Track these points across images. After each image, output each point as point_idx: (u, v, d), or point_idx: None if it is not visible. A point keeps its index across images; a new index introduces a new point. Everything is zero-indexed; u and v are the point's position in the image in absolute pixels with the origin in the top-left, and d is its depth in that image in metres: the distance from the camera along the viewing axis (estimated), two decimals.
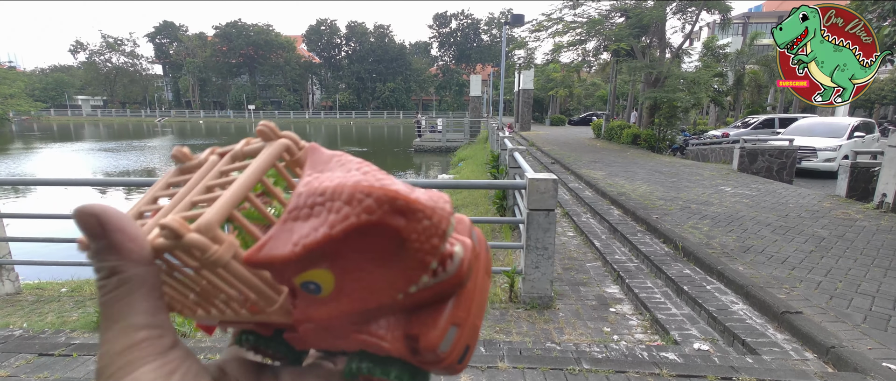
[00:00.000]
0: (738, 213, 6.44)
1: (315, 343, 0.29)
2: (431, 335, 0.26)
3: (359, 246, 0.23)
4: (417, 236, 0.23)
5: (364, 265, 0.24)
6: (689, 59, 19.72)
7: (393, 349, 0.27)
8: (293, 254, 0.23)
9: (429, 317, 0.26)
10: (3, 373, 2.45)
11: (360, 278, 0.25)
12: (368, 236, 0.23)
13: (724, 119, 28.06)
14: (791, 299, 3.56)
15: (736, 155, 11.24)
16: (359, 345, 0.28)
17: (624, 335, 3.51)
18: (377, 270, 0.24)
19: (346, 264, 0.24)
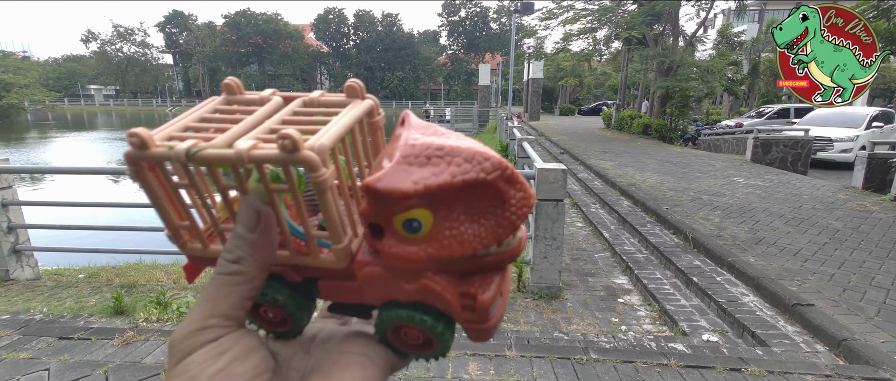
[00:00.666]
0: (751, 204, 6.36)
1: (369, 290, 0.31)
2: (487, 295, 0.30)
3: (466, 198, 0.27)
4: (515, 202, 0.28)
5: (462, 217, 0.28)
6: (703, 47, 19.32)
7: (451, 301, 0.30)
8: (413, 190, 0.26)
9: (483, 281, 0.30)
10: (27, 355, 2.53)
11: (454, 227, 0.28)
12: (478, 191, 0.27)
13: (737, 109, 27.56)
14: (803, 292, 3.53)
15: (749, 145, 11.06)
16: (418, 294, 0.30)
17: (632, 326, 3.51)
18: (472, 223, 0.28)
19: (447, 212, 0.28)
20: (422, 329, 0.31)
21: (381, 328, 0.32)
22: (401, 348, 0.33)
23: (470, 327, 0.31)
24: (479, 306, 0.30)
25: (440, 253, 0.28)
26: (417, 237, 0.28)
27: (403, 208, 0.27)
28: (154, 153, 0.28)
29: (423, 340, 0.32)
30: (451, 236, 0.28)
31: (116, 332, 2.80)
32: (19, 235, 4.11)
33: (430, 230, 0.28)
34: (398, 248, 0.29)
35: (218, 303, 0.28)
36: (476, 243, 0.28)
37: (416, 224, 0.28)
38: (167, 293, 3.47)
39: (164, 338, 2.74)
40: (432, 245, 0.28)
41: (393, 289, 0.31)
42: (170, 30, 71.95)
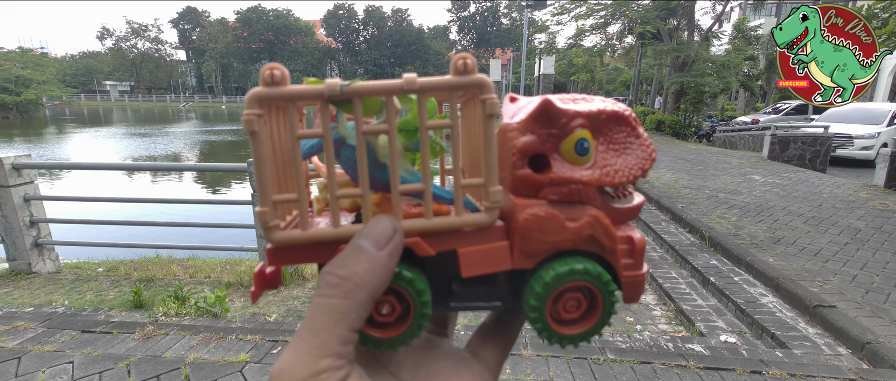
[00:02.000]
0: (769, 202, 6.24)
1: (528, 240, 0.29)
2: (639, 237, 0.30)
3: (611, 130, 0.30)
4: (645, 138, 0.31)
5: (613, 147, 0.30)
6: (719, 42, 18.97)
7: (617, 239, 0.30)
8: (584, 110, 0.30)
9: (628, 228, 0.31)
10: (51, 348, 2.59)
11: (610, 155, 0.30)
12: (618, 124, 0.31)
13: (753, 105, 27.06)
14: (824, 293, 3.45)
15: (766, 142, 10.85)
16: (587, 229, 0.29)
17: (647, 326, 3.47)
18: (621, 154, 0.30)
19: (603, 140, 0.30)
20: (589, 286, 0.30)
21: (543, 298, 0.29)
22: (556, 330, 0.30)
23: (629, 275, 0.30)
24: (638, 246, 0.30)
25: (604, 179, 0.29)
26: (585, 160, 0.30)
27: (574, 128, 0.29)
28: (294, 90, 0.26)
29: (583, 308, 0.30)
30: (610, 163, 0.30)
31: (137, 326, 2.85)
32: (41, 229, 4.21)
33: (593, 155, 0.30)
34: (571, 171, 0.29)
35: (327, 339, 0.24)
36: (629, 171, 0.30)
37: (586, 145, 0.29)
38: (185, 288, 3.52)
39: (184, 333, 2.78)
40: (597, 170, 0.29)
41: (557, 231, 0.29)
42: (183, 26, 72.80)
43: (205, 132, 29.73)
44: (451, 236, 0.29)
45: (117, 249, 5.05)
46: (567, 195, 0.29)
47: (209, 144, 23.78)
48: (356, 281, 0.25)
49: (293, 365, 0.24)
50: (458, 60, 0.27)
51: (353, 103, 0.27)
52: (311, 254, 0.29)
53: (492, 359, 0.33)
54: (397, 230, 0.27)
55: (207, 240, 5.31)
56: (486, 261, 0.30)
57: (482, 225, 0.29)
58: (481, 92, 0.27)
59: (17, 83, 41.30)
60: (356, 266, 0.26)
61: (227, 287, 3.96)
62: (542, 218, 0.29)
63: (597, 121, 0.30)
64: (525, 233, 0.29)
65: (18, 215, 3.96)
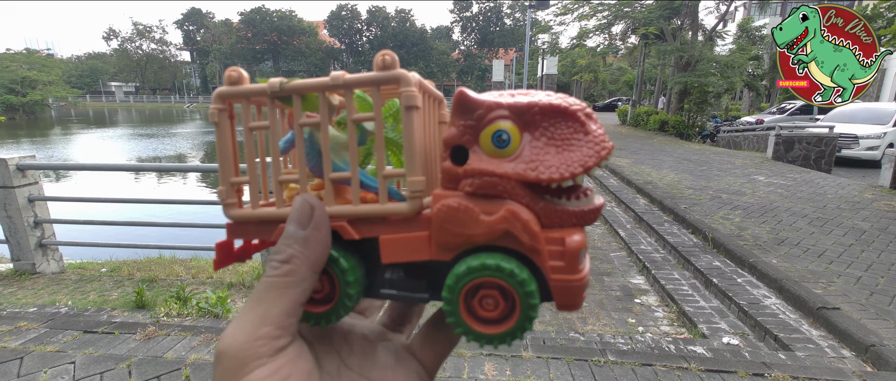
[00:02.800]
0: (773, 203, 6.20)
1: (444, 231, 0.29)
2: (575, 238, 0.29)
3: (551, 125, 0.29)
4: (597, 135, 0.29)
5: (548, 143, 0.29)
6: (723, 41, 18.87)
7: (537, 236, 0.28)
8: (503, 102, 0.29)
9: (569, 230, 0.29)
10: (54, 348, 2.60)
11: (540, 150, 0.29)
12: (562, 120, 0.29)
13: (758, 105, 26.90)
14: (828, 295, 3.43)
15: (771, 142, 10.79)
16: (501, 223, 0.29)
17: (649, 327, 3.45)
18: (558, 150, 0.29)
19: (534, 135, 0.29)
20: (504, 285, 0.29)
21: (454, 291, 0.29)
22: (474, 328, 0.30)
23: (559, 280, 0.29)
24: (569, 249, 0.28)
25: (527, 173, 0.28)
26: (505, 153, 0.29)
27: (492, 119, 0.29)
28: (248, 88, 0.31)
29: (501, 309, 0.30)
30: (537, 158, 0.29)
31: (139, 326, 2.86)
32: (45, 229, 4.23)
33: (517, 148, 0.29)
34: (487, 163, 0.29)
35: (269, 308, 0.27)
36: (562, 168, 0.28)
37: (506, 137, 0.29)
38: (187, 288, 3.53)
39: (185, 333, 2.79)
40: (520, 164, 0.29)
41: (472, 224, 0.29)
42: (188, 27, 73.14)
43: (209, 133, 29.85)
44: (376, 224, 0.31)
45: (121, 249, 5.07)
46: (482, 188, 0.29)
47: (214, 144, 23.88)
48: (294, 262, 0.28)
49: (236, 331, 0.26)
50: (380, 57, 0.29)
51: (293, 99, 0.31)
52: (260, 231, 0.32)
53: (429, 358, 0.34)
54: (315, 206, 0.29)
55: (210, 240, 5.33)
56: (404, 249, 0.30)
57: (402, 214, 0.30)
58: (400, 85, 0.29)
59: (24, 84, 41.63)
60: (289, 249, 0.28)
61: (228, 288, 3.97)
62: (454, 209, 0.29)
63: (527, 114, 0.29)
64: (438, 223, 0.29)
65: (23, 215, 3.99)
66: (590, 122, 0.29)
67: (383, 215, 0.30)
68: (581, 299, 0.30)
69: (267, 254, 3.92)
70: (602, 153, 0.29)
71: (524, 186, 0.29)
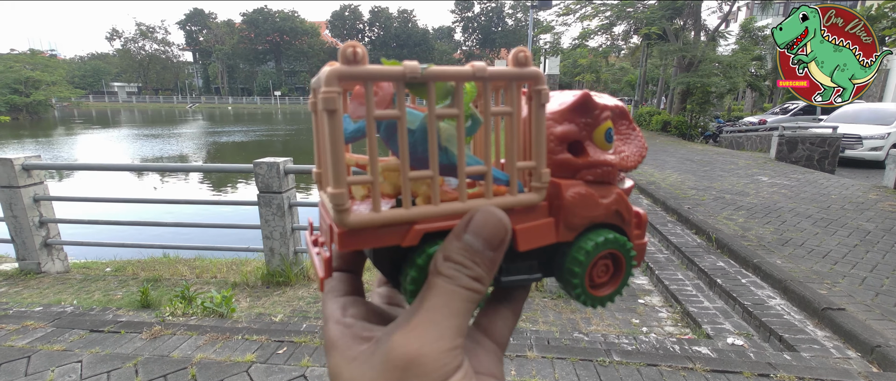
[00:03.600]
0: (776, 204, 6.19)
1: (571, 214, 0.33)
2: (643, 212, 0.35)
3: (617, 123, 0.36)
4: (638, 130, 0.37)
5: (620, 136, 0.35)
6: (726, 42, 18.82)
7: (632, 213, 0.34)
8: (611, 103, 0.35)
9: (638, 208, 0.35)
10: (60, 347, 2.61)
11: (622, 144, 0.35)
12: (624, 117, 0.36)
13: (761, 105, 26.83)
14: (833, 295, 3.42)
15: (774, 143, 10.76)
16: (615, 204, 0.33)
17: (653, 328, 3.45)
18: (627, 143, 0.36)
19: (617, 127, 0.36)
20: (617, 253, 0.34)
21: (585, 263, 0.33)
22: (592, 293, 0.35)
23: (640, 243, 0.35)
24: (644, 219, 0.35)
25: (624, 163, 0.34)
26: (610, 147, 0.34)
27: (604, 118, 0.34)
28: (374, 69, 0.26)
29: (610, 273, 0.35)
30: (623, 150, 0.34)
31: (144, 326, 2.88)
32: (50, 229, 4.25)
33: (614, 143, 0.35)
34: (602, 155, 0.33)
35: (462, 322, 0.27)
36: (635, 157, 0.35)
37: (612, 133, 0.34)
38: (191, 288, 3.54)
39: (191, 332, 2.80)
40: (617, 155, 0.34)
41: (594, 207, 0.33)
42: (190, 28, 73.31)
43: (212, 134, 29.92)
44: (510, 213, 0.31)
45: (125, 249, 5.10)
46: (599, 176, 0.33)
47: (216, 145, 23.94)
48: (483, 281, 0.28)
49: (431, 339, 0.26)
50: (518, 53, 0.30)
51: (428, 87, 0.28)
52: (379, 237, 0.29)
53: (499, 333, 0.34)
54: (508, 230, 0.29)
55: (214, 240, 5.35)
56: (537, 235, 0.32)
57: (532, 204, 0.32)
58: (536, 83, 0.30)
59: (27, 85, 41.80)
60: (479, 268, 0.28)
61: (233, 287, 3.98)
62: (584, 196, 0.33)
63: (614, 113, 0.35)
64: (571, 209, 0.32)
65: (28, 215, 4.01)
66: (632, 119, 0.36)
67: (513, 206, 0.31)
68: (644, 255, 0.37)
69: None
70: (645, 143, 0.36)
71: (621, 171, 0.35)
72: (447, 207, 0.29)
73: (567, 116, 0.33)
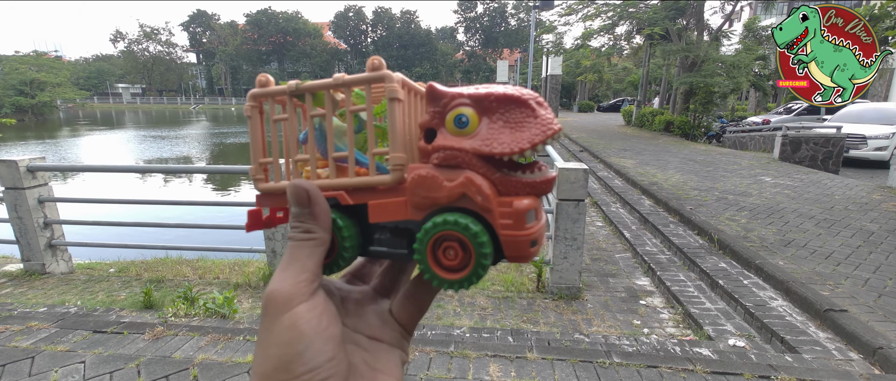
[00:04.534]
0: (779, 204, 6.16)
1: (416, 194, 0.36)
2: (524, 202, 0.34)
3: (505, 111, 0.35)
4: (544, 117, 0.34)
5: (501, 124, 0.35)
6: (729, 41, 18.75)
7: (490, 198, 0.34)
8: (465, 92, 0.36)
9: (521, 197, 0.35)
10: (64, 348, 2.64)
11: (494, 130, 0.34)
12: (515, 107, 0.35)
13: (765, 105, 26.70)
14: (835, 297, 3.41)
15: (777, 143, 10.71)
16: (461, 187, 0.34)
17: (654, 329, 3.45)
18: (509, 130, 0.34)
19: (490, 118, 0.35)
20: (461, 237, 0.35)
21: (423, 242, 0.35)
22: (438, 273, 0.36)
23: (508, 234, 0.34)
24: (516, 209, 0.34)
25: (482, 148, 0.34)
26: (464, 132, 0.35)
27: (454, 105, 0.35)
28: (272, 89, 0.40)
29: (460, 259, 0.36)
30: (491, 136, 0.34)
31: (147, 326, 2.90)
32: (54, 230, 4.28)
33: (475, 129, 0.35)
34: (449, 140, 0.35)
35: (305, 262, 0.34)
36: (513, 144, 0.34)
37: (465, 120, 0.35)
38: (194, 289, 3.56)
39: (193, 333, 2.82)
40: (476, 140, 0.34)
41: (436, 188, 0.35)
42: (194, 29, 73.60)
43: (216, 135, 30.02)
44: (367, 192, 0.38)
45: (129, 249, 5.13)
46: (446, 160, 0.35)
47: (220, 146, 24.03)
48: (312, 228, 0.35)
49: (281, 279, 0.33)
50: (370, 61, 0.37)
51: (306, 97, 0.40)
52: (280, 200, 0.41)
53: (406, 318, 0.39)
54: (307, 187, 0.36)
55: (216, 241, 5.37)
56: (386, 211, 0.37)
57: (386, 184, 0.37)
58: (385, 81, 0.36)
59: (32, 86, 42.09)
60: (304, 223, 0.35)
61: (235, 288, 4.00)
62: (424, 177, 0.35)
63: (484, 102, 0.35)
64: (411, 188, 0.36)
65: (33, 216, 4.04)
66: (539, 108, 0.35)
67: (372, 185, 0.37)
68: (528, 252, 0.35)
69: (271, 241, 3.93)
70: (548, 132, 0.34)
71: (482, 159, 0.34)
72: (320, 181, 0.39)
73: (426, 107, 0.37)
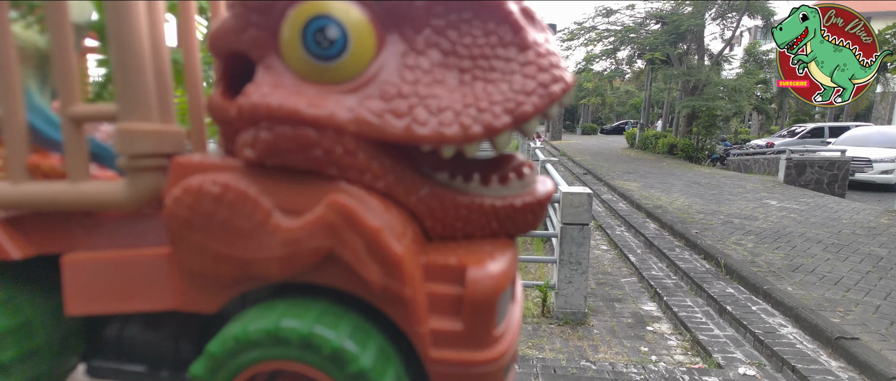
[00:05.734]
0: (786, 228, 6.12)
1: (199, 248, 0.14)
2: (492, 269, 0.13)
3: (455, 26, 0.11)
4: (543, 53, 0.12)
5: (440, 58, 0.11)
6: (730, 66, 18.99)
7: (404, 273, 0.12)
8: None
9: (480, 252, 0.13)
10: None
11: (421, 71, 0.11)
12: (479, 18, 0.12)
13: (768, 128, 26.78)
14: (846, 324, 3.35)
15: (782, 166, 10.69)
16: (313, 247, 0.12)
17: (662, 356, 3.39)
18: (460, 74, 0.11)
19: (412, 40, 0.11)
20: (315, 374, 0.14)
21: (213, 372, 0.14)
22: None
23: (446, 361, 0.14)
24: (473, 293, 0.14)
25: (384, 121, 0.13)
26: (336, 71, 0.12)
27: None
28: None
29: None
30: (413, 91, 0.13)
31: None
32: None
33: (366, 65, 0.12)
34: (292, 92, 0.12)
35: None
36: (466, 115, 0.13)
37: (337, 36, 0.13)
38: None
39: None
40: (368, 98, 0.12)
41: (253, 233, 0.14)
42: None
43: None
44: (69, 224, 0.16)
45: None
46: (279, 150, 0.13)
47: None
48: None
49: None
50: None
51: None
52: None
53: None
54: None
55: None
56: (110, 287, 0.14)
57: (115, 205, 0.14)
58: None
59: None
60: None
61: None
62: (210, 199, 0.13)
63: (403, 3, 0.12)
64: (177, 230, 0.14)
65: None
66: (533, 27, 0.14)
67: (77, 206, 0.15)
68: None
69: None
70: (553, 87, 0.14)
71: (379, 148, 0.13)
72: None
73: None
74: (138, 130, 0.12)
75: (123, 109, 0.11)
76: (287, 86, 0.12)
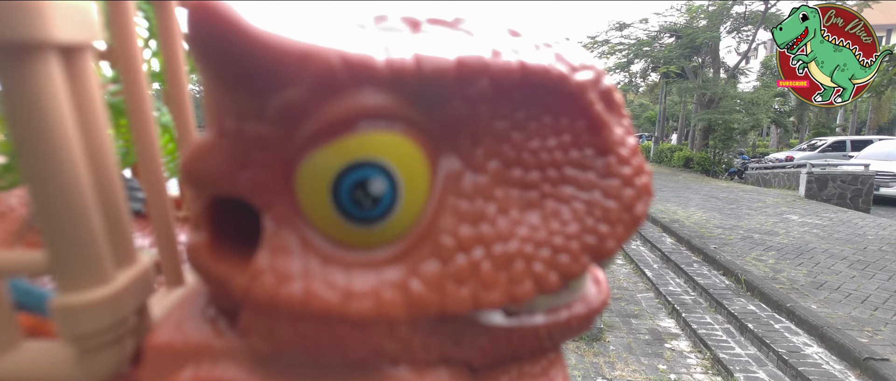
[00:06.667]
0: (808, 244, 5.96)
1: None
2: None
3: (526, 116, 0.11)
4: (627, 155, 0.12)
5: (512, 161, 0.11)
6: (746, 78, 18.79)
7: None
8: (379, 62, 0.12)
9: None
10: None
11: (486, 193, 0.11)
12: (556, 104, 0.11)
13: (787, 141, 26.28)
14: (874, 344, 3.23)
15: (803, 180, 10.45)
16: None
17: (682, 375, 3.31)
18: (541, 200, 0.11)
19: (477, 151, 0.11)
20: None
21: None
22: None
23: None
24: None
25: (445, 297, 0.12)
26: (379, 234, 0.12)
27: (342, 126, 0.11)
28: None
29: None
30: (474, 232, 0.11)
31: None
32: None
33: (419, 216, 0.12)
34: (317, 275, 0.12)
35: None
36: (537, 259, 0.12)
37: (384, 191, 0.11)
38: None
39: None
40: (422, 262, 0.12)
41: None
42: None
43: None
44: None
45: None
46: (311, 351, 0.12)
47: None
48: None
49: None
50: None
51: None
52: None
53: None
54: None
55: None
56: None
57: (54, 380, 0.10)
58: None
59: None
60: None
61: None
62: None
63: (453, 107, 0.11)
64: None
65: None
66: (615, 116, 0.13)
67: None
68: None
69: None
70: (638, 212, 0.13)
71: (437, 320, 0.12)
72: None
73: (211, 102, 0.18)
74: (84, 304, 0.09)
75: (57, 268, 0.09)
76: (311, 257, 0.09)
